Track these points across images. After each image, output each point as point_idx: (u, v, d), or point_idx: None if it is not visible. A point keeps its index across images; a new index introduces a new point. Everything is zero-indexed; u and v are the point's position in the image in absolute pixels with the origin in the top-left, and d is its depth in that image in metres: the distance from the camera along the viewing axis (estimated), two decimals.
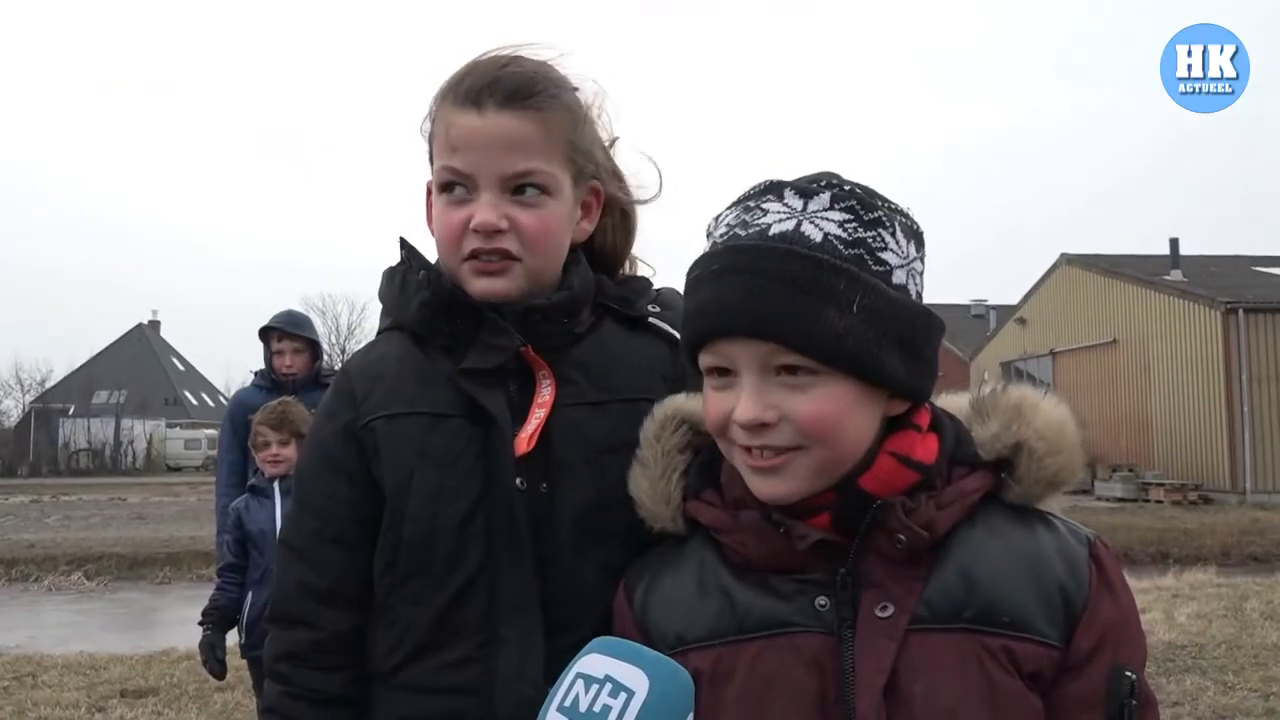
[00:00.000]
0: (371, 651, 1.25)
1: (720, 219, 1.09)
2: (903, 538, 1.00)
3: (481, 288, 1.22)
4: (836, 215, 1.02)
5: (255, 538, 3.85)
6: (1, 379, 56.14)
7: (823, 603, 1.02)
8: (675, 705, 1.00)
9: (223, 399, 54.94)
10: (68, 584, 12.30)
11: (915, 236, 1.07)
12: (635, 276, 1.42)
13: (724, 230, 1.07)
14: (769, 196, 1.05)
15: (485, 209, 1.20)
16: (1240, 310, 21.32)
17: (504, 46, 1.27)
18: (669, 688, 1.00)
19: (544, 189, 1.23)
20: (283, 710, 1.24)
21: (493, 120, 1.20)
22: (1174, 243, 25.09)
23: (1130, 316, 24.24)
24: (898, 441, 1.05)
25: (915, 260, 1.06)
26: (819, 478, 1.03)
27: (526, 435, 1.19)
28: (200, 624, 3.96)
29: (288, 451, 3.83)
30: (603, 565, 1.19)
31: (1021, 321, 29.19)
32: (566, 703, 1.02)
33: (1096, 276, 25.74)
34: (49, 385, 52.59)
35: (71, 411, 49.04)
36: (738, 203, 1.08)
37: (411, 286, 1.26)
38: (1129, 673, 1.00)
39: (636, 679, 1.00)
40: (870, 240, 1.02)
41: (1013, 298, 31.58)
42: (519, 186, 1.22)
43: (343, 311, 56.47)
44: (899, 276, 1.03)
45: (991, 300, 41.55)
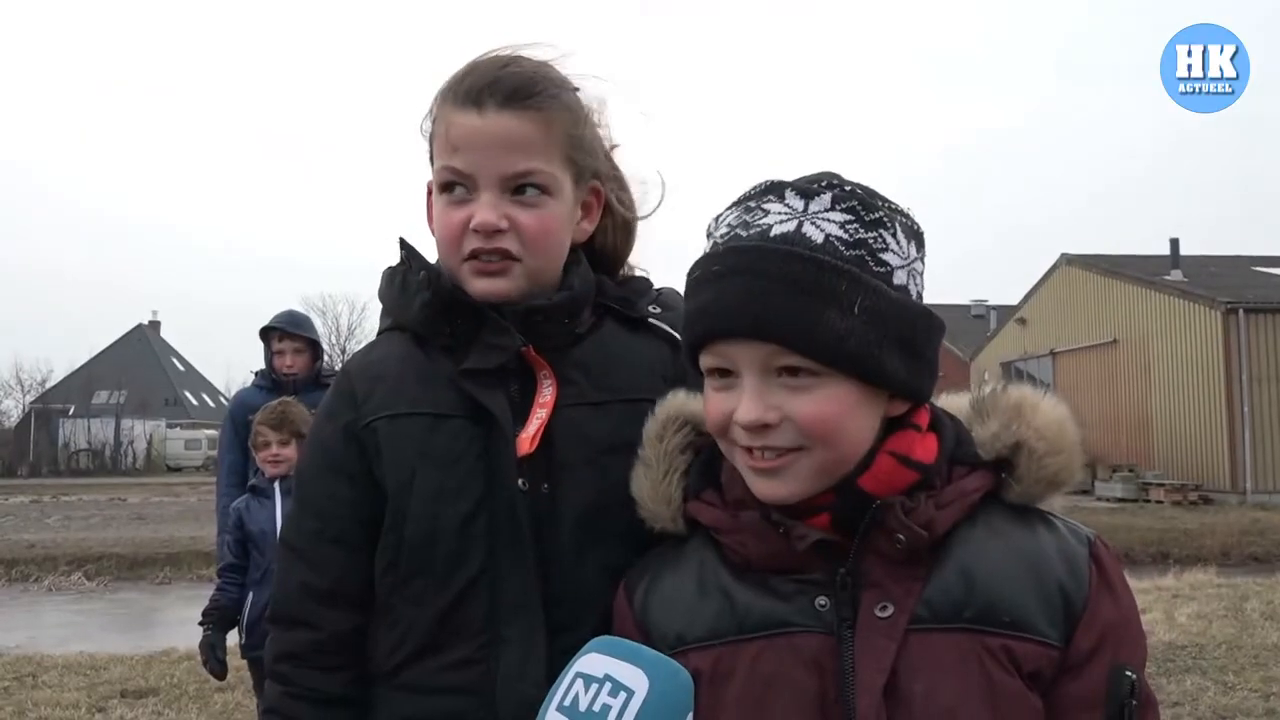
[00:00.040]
0: (373, 652, 1.25)
1: (721, 219, 1.09)
2: (902, 537, 1.00)
3: (482, 288, 1.22)
4: (838, 216, 1.02)
5: (256, 538, 3.86)
6: (1, 379, 56.48)
7: (822, 603, 1.02)
8: (675, 705, 1.00)
9: (223, 399, 54.94)
10: (68, 584, 12.28)
11: (916, 237, 1.07)
12: (636, 277, 1.42)
13: (725, 231, 1.07)
14: (770, 197, 1.05)
15: (485, 209, 1.20)
16: (1240, 310, 21.30)
17: (504, 46, 1.28)
18: (669, 687, 1.00)
19: (544, 189, 1.23)
20: (284, 710, 1.24)
21: (493, 120, 1.20)
22: (1174, 243, 25.08)
23: (1130, 316, 24.23)
24: (897, 441, 1.05)
25: (916, 261, 1.06)
26: (820, 479, 1.03)
27: (528, 436, 1.19)
28: (200, 624, 3.96)
29: (288, 451, 3.84)
30: (604, 566, 1.19)
31: (1022, 321, 29.17)
32: (566, 702, 1.02)
33: (1096, 276, 25.73)
34: (49, 385, 52.65)
35: (71, 412, 49.05)
36: (738, 203, 1.08)
37: (412, 287, 1.26)
38: (1129, 673, 1.00)
39: (636, 678, 1.00)
40: (871, 241, 1.02)
41: (1013, 298, 31.62)
42: (519, 186, 1.22)
43: (343, 311, 56.70)
44: (900, 277, 1.03)
45: (991, 300, 41.53)
